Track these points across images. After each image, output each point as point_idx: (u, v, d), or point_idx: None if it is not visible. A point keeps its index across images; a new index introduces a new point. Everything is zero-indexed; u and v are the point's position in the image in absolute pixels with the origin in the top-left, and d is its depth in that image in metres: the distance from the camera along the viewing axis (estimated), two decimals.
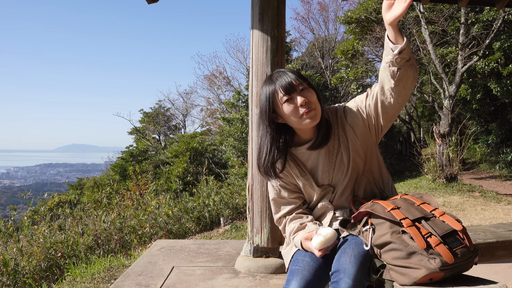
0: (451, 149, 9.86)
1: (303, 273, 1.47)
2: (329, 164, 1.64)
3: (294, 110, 1.51)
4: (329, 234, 1.48)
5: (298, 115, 1.52)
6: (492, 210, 6.86)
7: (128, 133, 23.30)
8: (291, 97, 1.52)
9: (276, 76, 1.56)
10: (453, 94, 11.03)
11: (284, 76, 1.53)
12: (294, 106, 1.51)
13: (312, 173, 1.68)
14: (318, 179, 1.68)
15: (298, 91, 1.52)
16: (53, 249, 4.62)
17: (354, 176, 1.65)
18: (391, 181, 1.74)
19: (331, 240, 1.48)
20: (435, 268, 1.27)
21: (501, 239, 2.37)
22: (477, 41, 11.20)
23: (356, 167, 1.64)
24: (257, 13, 2.79)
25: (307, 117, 1.51)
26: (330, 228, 1.51)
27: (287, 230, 1.69)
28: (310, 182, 1.68)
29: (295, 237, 1.61)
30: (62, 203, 9.35)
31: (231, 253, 3.33)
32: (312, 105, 1.52)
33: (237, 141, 13.39)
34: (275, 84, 1.54)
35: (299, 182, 1.70)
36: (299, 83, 1.52)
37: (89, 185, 17.36)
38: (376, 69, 15.67)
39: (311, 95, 1.53)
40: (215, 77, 22.02)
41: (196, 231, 6.19)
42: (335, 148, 1.63)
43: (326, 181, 1.67)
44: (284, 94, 1.51)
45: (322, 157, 1.64)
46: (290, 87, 1.51)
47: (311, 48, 19.61)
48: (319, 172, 1.67)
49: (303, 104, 1.50)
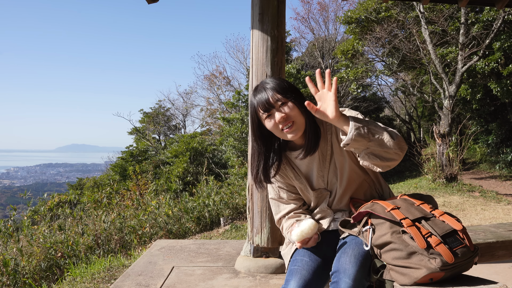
0: (451, 149, 9.86)
1: (301, 273, 1.47)
2: (323, 168, 1.65)
3: (274, 126, 1.54)
4: (305, 226, 1.50)
5: (279, 130, 1.54)
6: (492, 210, 6.86)
7: (128, 133, 23.32)
8: (270, 114, 1.53)
9: (257, 91, 1.57)
10: (453, 94, 11.03)
11: (262, 93, 1.54)
12: (274, 122, 1.53)
13: (307, 177, 1.69)
14: (313, 183, 1.68)
15: (276, 107, 1.52)
16: (53, 249, 4.62)
17: (353, 180, 1.64)
18: (387, 185, 1.76)
19: (308, 232, 1.49)
20: (435, 268, 1.27)
21: (501, 239, 2.37)
22: (477, 41, 11.20)
23: (353, 171, 1.63)
24: (257, 13, 2.79)
25: (287, 132, 1.53)
26: (309, 220, 1.52)
27: (285, 227, 1.70)
28: (305, 185, 1.68)
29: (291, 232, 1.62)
30: (62, 203, 9.35)
31: (231, 253, 3.33)
32: (291, 119, 1.52)
33: (237, 141, 13.39)
34: (255, 101, 1.56)
35: (295, 185, 1.71)
36: (277, 99, 1.51)
37: (89, 185, 17.37)
38: (376, 69, 15.67)
39: (290, 110, 1.52)
40: (215, 77, 22.02)
41: (196, 231, 6.19)
42: (328, 154, 1.63)
43: (322, 185, 1.67)
44: (263, 112, 1.54)
45: (316, 162, 1.64)
46: (268, 105, 1.52)
47: (311, 48, 19.60)
48: (314, 177, 1.67)
49: (280, 120, 1.51)
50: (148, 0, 3.02)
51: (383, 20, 13.20)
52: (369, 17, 13.52)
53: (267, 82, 1.57)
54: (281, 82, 1.56)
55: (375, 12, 13.36)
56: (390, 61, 14.48)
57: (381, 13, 13.23)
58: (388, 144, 1.38)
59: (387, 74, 15.05)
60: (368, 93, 19.49)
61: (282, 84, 1.55)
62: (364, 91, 18.48)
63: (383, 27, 13.11)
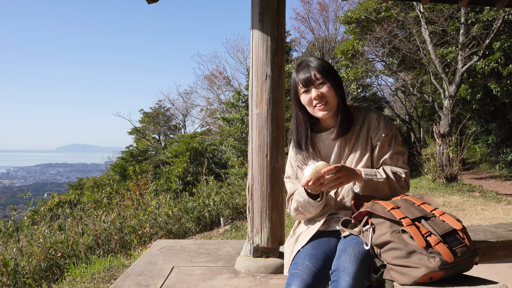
0: (451, 149, 9.86)
1: (302, 276, 1.48)
2: (340, 156, 1.73)
3: (309, 101, 1.67)
4: (320, 164, 1.50)
5: (312, 106, 1.67)
6: (492, 210, 6.86)
7: (128, 133, 23.31)
8: (308, 89, 1.67)
9: (301, 67, 1.69)
10: (453, 94, 11.03)
11: (305, 70, 1.66)
12: (309, 98, 1.66)
13: (325, 160, 1.75)
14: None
15: (315, 85, 1.65)
16: (53, 249, 4.62)
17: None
18: None
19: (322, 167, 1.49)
20: (434, 267, 1.27)
21: (501, 239, 2.37)
22: (477, 41, 11.19)
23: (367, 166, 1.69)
24: (257, 13, 2.79)
25: (318, 110, 1.66)
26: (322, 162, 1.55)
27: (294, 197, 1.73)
28: None
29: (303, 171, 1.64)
30: (62, 203, 9.34)
31: (231, 253, 3.33)
32: (326, 99, 1.64)
33: (237, 141, 13.38)
34: (298, 76, 1.68)
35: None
36: (317, 78, 1.64)
37: (89, 185, 17.37)
38: (376, 69, 15.67)
39: (326, 90, 1.64)
40: (215, 77, 22.01)
41: (196, 231, 6.19)
42: (350, 143, 1.71)
43: None
44: (302, 87, 1.67)
45: (337, 148, 1.73)
46: (308, 81, 1.65)
47: (311, 48, 19.59)
48: (331, 161, 1.75)
49: (316, 98, 1.64)
50: (148, 0, 3.02)
51: (383, 20, 13.20)
52: (369, 17, 13.52)
53: (311, 61, 1.68)
54: (324, 63, 1.68)
55: (375, 12, 13.36)
56: (390, 61, 14.48)
57: (381, 13, 13.22)
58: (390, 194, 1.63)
59: (387, 74, 15.06)
60: (368, 93, 19.50)
61: (324, 65, 1.67)
62: (364, 91, 18.48)
63: (383, 27, 13.10)
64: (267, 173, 2.77)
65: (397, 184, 1.61)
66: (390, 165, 1.66)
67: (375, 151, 1.69)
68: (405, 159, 1.71)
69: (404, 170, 1.65)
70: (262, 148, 2.78)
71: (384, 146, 1.67)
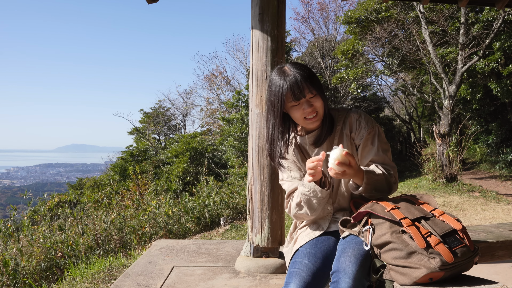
0: (451, 149, 9.86)
1: (301, 275, 1.47)
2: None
3: (300, 114, 1.61)
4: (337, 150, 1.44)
5: (302, 118, 1.62)
6: (492, 210, 6.86)
7: (128, 133, 23.32)
8: (299, 102, 1.59)
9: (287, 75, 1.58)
10: (453, 94, 11.03)
11: (295, 81, 1.56)
12: (301, 111, 1.60)
13: None
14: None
15: (307, 98, 1.59)
16: (53, 249, 4.62)
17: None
18: None
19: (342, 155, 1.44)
20: (435, 268, 1.27)
21: (501, 239, 2.37)
22: (477, 41, 11.19)
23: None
24: (257, 13, 2.79)
25: (311, 122, 1.62)
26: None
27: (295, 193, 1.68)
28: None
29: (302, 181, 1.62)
30: (62, 203, 9.34)
31: (231, 253, 3.33)
32: (317, 110, 1.60)
33: (237, 141, 13.39)
34: (287, 84, 1.57)
35: (302, 168, 1.75)
36: (309, 91, 1.57)
37: (89, 185, 17.37)
38: (376, 69, 15.66)
39: (317, 102, 1.60)
40: (215, 77, 22.00)
41: (196, 231, 6.19)
42: (334, 144, 1.65)
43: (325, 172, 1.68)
44: (292, 99, 1.58)
45: (323, 149, 1.69)
46: (301, 94, 1.57)
47: (311, 48, 19.59)
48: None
49: (311, 112, 1.59)
50: (148, 0, 3.02)
51: (383, 20, 13.20)
52: (369, 17, 13.52)
53: (299, 71, 1.57)
54: (311, 72, 1.61)
55: (375, 12, 13.36)
56: (390, 61, 14.49)
57: (381, 13, 13.22)
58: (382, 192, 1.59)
59: (387, 74, 15.06)
60: (368, 93, 19.50)
61: (312, 76, 1.60)
62: (364, 91, 18.49)
63: (383, 27, 13.10)
64: (267, 173, 2.77)
65: (390, 180, 1.59)
66: (377, 162, 1.62)
67: (358, 150, 1.66)
68: (390, 156, 1.68)
69: (392, 166, 1.63)
70: (262, 148, 2.78)
71: (367, 144, 1.64)
